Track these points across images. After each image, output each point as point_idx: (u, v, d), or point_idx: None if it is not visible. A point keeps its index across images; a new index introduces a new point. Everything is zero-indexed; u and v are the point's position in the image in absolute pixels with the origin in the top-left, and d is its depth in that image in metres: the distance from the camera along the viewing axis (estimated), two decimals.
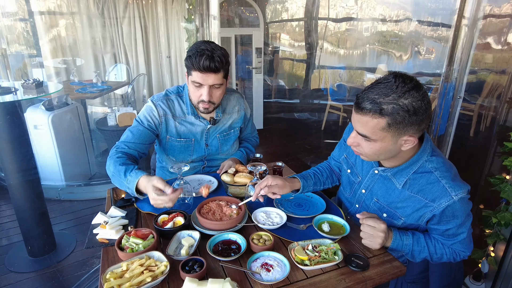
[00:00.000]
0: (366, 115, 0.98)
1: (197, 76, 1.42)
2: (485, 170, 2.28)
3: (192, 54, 1.40)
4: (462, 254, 1.16)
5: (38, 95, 2.45)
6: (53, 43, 3.83)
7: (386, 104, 0.94)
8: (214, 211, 1.27)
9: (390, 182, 1.18)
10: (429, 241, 1.16)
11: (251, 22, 4.91)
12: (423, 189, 1.11)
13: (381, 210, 1.24)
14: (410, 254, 1.17)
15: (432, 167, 1.10)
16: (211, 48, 1.40)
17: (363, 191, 1.30)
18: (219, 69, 1.42)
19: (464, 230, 1.12)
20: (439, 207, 1.07)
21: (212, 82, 1.44)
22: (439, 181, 1.08)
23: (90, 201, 3.23)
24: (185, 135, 1.64)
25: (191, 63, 1.40)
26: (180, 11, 3.90)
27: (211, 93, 1.47)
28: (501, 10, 2.17)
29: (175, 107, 1.62)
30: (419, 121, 0.96)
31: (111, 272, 0.98)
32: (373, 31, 4.68)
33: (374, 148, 1.04)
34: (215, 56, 1.38)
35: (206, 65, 1.37)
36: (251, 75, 5.09)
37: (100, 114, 4.18)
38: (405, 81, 0.95)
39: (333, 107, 4.89)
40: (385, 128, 0.97)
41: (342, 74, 5.21)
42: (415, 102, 0.93)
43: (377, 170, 1.21)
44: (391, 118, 0.95)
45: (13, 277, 2.27)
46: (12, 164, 2.22)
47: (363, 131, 1.02)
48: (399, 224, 1.20)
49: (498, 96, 2.40)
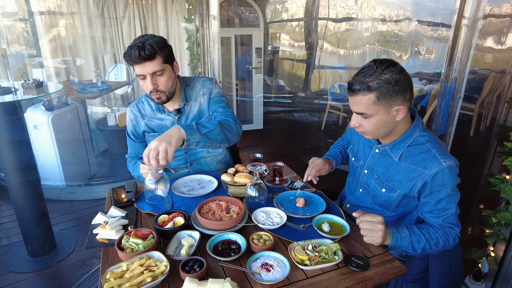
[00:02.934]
0: (358, 95, 1.16)
1: (137, 68, 1.46)
2: (485, 170, 2.28)
3: (126, 51, 1.43)
4: (452, 233, 1.22)
5: (38, 95, 2.45)
6: (53, 43, 3.83)
7: (371, 82, 1.13)
8: (214, 211, 1.27)
9: (388, 157, 1.33)
10: (422, 229, 1.22)
11: (251, 22, 4.92)
12: (416, 158, 1.25)
13: (380, 185, 1.35)
14: (410, 245, 1.19)
15: (424, 140, 1.25)
16: (143, 39, 1.43)
17: (366, 171, 1.43)
18: (152, 56, 1.42)
19: (452, 205, 1.21)
20: (429, 173, 1.19)
21: (151, 70, 1.45)
22: (430, 150, 1.22)
23: (90, 201, 3.23)
24: (158, 129, 1.70)
25: (127, 59, 1.44)
26: (180, 11, 3.91)
27: (155, 81, 1.49)
28: (501, 10, 2.17)
29: (145, 108, 1.70)
30: (402, 90, 1.14)
31: (111, 272, 0.98)
32: (373, 31, 4.68)
33: (373, 123, 1.20)
34: (146, 45, 1.40)
35: (137, 55, 1.40)
36: (251, 75, 5.09)
37: (100, 114, 4.18)
38: (382, 62, 1.15)
39: (333, 107, 4.89)
40: (376, 102, 1.15)
41: (342, 74, 5.21)
42: (394, 75, 1.13)
43: (377, 148, 1.36)
44: (378, 92, 1.13)
45: (13, 277, 2.27)
46: (12, 164, 2.22)
47: (359, 109, 1.19)
48: (395, 197, 1.31)
49: (498, 96, 2.40)
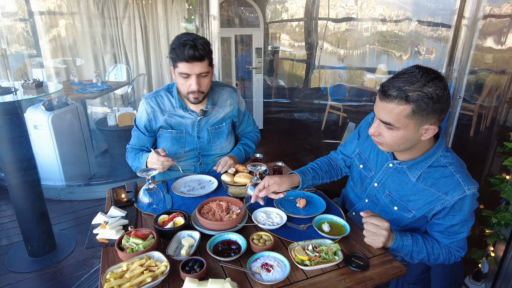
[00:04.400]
0: (391, 102, 1.02)
1: (184, 67, 1.46)
2: (485, 170, 2.28)
3: (176, 46, 1.44)
4: (457, 255, 1.18)
5: (38, 95, 2.45)
6: (53, 43, 3.83)
7: (411, 92, 0.99)
8: (214, 211, 1.27)
9: (404, 175, 1.22)
10: (427, 242, 1.18)
11: (251, 22, 4.91)
12: (437, 182, 1.14)
13: (392, 203, 1.26)
14: (409, 255, 1.17)
15: (447, 162, 1.14)
16: (192, 38, 1.44)
17: (375, 185, 1.32)
18: (203, 57, 1.45)
19: (465, 230, 1.15)
20: (451, 200, 1.10)
21: (199, 70, 1.47)
22: (453, 175, 1.12)
23: (90, 201, 3.23)
24: (176, 126, 1.69)
25: (176, 55, 1.44)
26: (180, 11, 3.90)
27: (199, 82, 1.51)
28: (501, 10, 2.17)
29: (164, 103, 1.67)
30: (440, 109, 1.02)
31: (111, 272, 0.98)
32: (373, 31, 4.68)
33: (396, 137, 1.07)
34: (197, 45, 1.42)
35: (191, 54, 1.41)
36: (251, 75, 5.09)
37: (100, 114, 4.18)
38: (428, 72, 1.01)
39: (333, 107, 4.89)
40: (409, 115, 1.01)
41: (342, 74, 5.21)
42: (438, 90, 0.99)
43: (391, 163, 1.24)
44: (416, 105, 1.00)
45: (13, 277, 2.27)
46: (12, 164, 2.22)
47: (388, 118, 1.05)
48: (409, 217, 1.23)
49: (498, 96, 2.40)
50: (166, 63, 4.27)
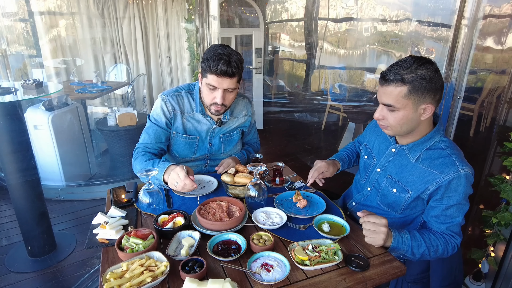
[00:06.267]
0: (390, 85, 1.17)
1: (213, 80, 1.44)
2: (485, 170, 2.28)
3: (209, 58, 1.40)
4: (453, 242, 1.21)
5: (38, 95, 2.45)
6: (53, 43, 3.83)
7: (406, 74, 1.14)
8: (214, 211, 1.27)
9: (404, 158, 1.32)
10: (423, 235, 1.22)
11: (251, 22, 4.92)
12: (434, 162, 1.24)
13: (392, 185, 1.35)
14: (410, 250, 1.19)
15: (444, 145, 1.26)
16: (228, 52, 1.41)
17: (378, 170, 1.43)
18: (235, 74, 1.44)
19: (460, 214, 1.21)
20: (446, 178, 1.19)
21: (227, 86, 1.46)
22: (449, 156, 1.22)
23: (90, 201, 3.23)
24: (191, 132, 1.66)
25: (208, 67, 1.41)
26: (180, 11, 3.91)
27: (225, 96, 1.49)
28: (501, 10, 2.17)
29: (184, 104, 1.64)
30: (434, 89, 1.15)
31: (111, 272, 0.98)
32: (373, 31, 4.68)
33: (398, 117, 1.20)
34: (232, 61, 1.40)
35: (223, 69, 1.39)
36: (251, 75, 5.09)
37: (100, 114, 4.18)
38: (419, 58, 1.16)
39: (333, 107, 4.89)
40: (406, 95, 1.15)
41: (342, 74, 5.21)
42: (429, 72, 1.13)
43: (394, 148, 1.36)
44: (411, 86, 1.14)
45: (13, 277, 2.27)
46: (12, 164, 2.22)
47: (388, 100, 1.18)
48: (406, 198, 1.31)
49: (498, 96, 2.40)
50: (166, 63, 4.27)
